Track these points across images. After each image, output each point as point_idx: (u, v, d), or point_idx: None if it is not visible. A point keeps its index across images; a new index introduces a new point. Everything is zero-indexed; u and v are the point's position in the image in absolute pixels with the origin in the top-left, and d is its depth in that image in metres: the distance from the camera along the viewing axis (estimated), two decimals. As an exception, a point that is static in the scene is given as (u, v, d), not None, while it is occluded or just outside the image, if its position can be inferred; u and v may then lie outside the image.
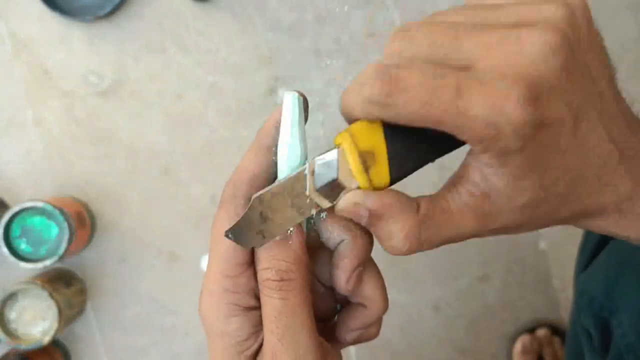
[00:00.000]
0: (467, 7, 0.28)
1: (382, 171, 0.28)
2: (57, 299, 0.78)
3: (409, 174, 0.29)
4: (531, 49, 0.25)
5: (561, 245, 0.92)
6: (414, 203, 0.28)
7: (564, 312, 0.93)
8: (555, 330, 0.92)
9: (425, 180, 0.93)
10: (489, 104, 0.25)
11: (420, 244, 0.28)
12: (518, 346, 0.91)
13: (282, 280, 0.29)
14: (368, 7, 0.90)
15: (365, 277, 0.32)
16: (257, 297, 0.31)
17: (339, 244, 0.31)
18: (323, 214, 0.31)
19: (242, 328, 0.30)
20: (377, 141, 0.28)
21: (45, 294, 0.78)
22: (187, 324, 0.91)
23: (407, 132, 0.28)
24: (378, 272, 0.32)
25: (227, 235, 0.29)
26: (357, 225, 0.30)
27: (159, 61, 0.90)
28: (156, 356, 0.91)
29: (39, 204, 0.78)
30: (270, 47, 0.90)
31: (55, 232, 0.80)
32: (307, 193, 0.29)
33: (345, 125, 0.29)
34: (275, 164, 0.31)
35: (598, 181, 0.28)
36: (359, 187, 0.29)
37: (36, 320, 0.79)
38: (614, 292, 0.44)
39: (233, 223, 0.29)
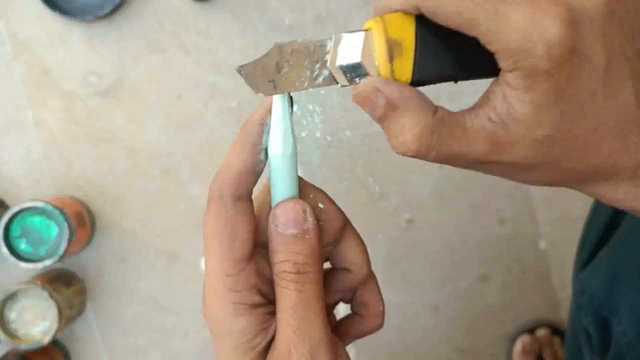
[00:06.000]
0: None
1: (406, 65, 0.28)
2: (57, 299, 0.78)
3: (430, 81, 0.28)
4: None
5: (561, 245, 0.92)
6: (433, 105, 0.28)
7: (564, 312, 0.93)
8: (555, 330, 0.92)
9: (425, 178, 0.94)
10: (528, 13, 0.25)
11: (429, 148, 0.27)
12: (518, 346, 0.91)
13: (298, 272, 0.29)
14: (368, 7, 0.90)
15: (347, 242, 0.32)
16: (261, 293, 0.31)
17: None
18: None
19: (250, 326, 0.30)
20: (407, 34, 0.27)
21: (45, 294, 0.78)
22: (187, 324, 0.91)
23: (439, 35, 0.27)
24: (358, 236, 0.33)
25: (239, 71, 0.29)
26: (332, 206, 0.31)
27: (159, 61, 0.90)
28: (156, 356, 0.91)
29: (39, 204, 0.78)
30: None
31: (55, 232, 0.80)
32: (328, 64, 0.28)
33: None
34: (260, 161, 0.30)
35: (619, 139, 0.27)
36: (379, 75, 0.28)
37: (36, 320, 0.79)
38: (614, 290, 0.44)
39: (221, 224, 0.30)
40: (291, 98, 0.30)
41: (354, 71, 0.28)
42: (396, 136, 0.28)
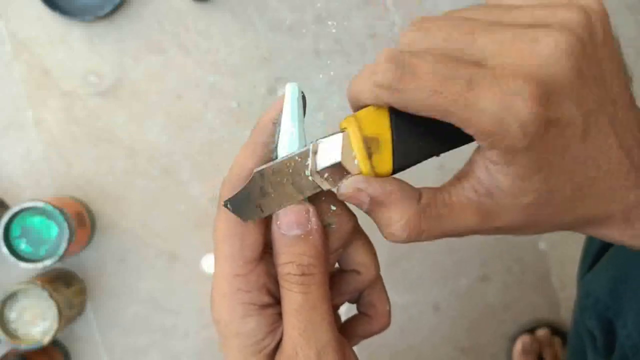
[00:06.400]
0: (484, 6, 0.28)
1: (385, 159, 0.28)
2: (57, 299, 0.78)
3: (412, 164, 0.29)
4: (544, 50, 0.25)
5: (561, 245, 0.92)
6: (416, 192, 0.28)
7: (564, 312, 0.93)
8: (556, 330, 0.92)
9: (425, 180, 0.93)
10: (497, 98, 0.24)
11: (419, 233, 0.28)
12: (518, 346, 0.91)
13: (303, 274, 0.29)
14: (368, 7, 0.90)
15: (357, 244, 0.33)
16: (270, 294, 0.31)
17: (324, 227, 0.31)
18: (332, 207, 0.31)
19: (259, 327, 0.30)
20: (382, 128, 0.28)
21: (45, 294, 0.78)
22: (187, 324, 0.91)
23: (413, 122, 0.27)
24: (367, 239, 0.33)
25: (225, 206, 0.29)
26: (344, 208, 0.31)
27: (159, 61, 0.90)
28: (156, 356, 0.91)
29: (39, 204, 0.78)
30: (270, 47, 0.90)
31: (55, 232, 0.80)
32: (309, 173, 0.29)
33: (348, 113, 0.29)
34: (271, 160, 0.30)
35: (606, 188, 0.28)
36: (360, 173, 0.28)
37: (36, 320, 0.79)
38: (619, 293, 0.44)
39: (231, 225, 0.29)
40: (304, 99, 0.30)
41: (336, 173, 0.29)
42: (385, 228, 0.29)
